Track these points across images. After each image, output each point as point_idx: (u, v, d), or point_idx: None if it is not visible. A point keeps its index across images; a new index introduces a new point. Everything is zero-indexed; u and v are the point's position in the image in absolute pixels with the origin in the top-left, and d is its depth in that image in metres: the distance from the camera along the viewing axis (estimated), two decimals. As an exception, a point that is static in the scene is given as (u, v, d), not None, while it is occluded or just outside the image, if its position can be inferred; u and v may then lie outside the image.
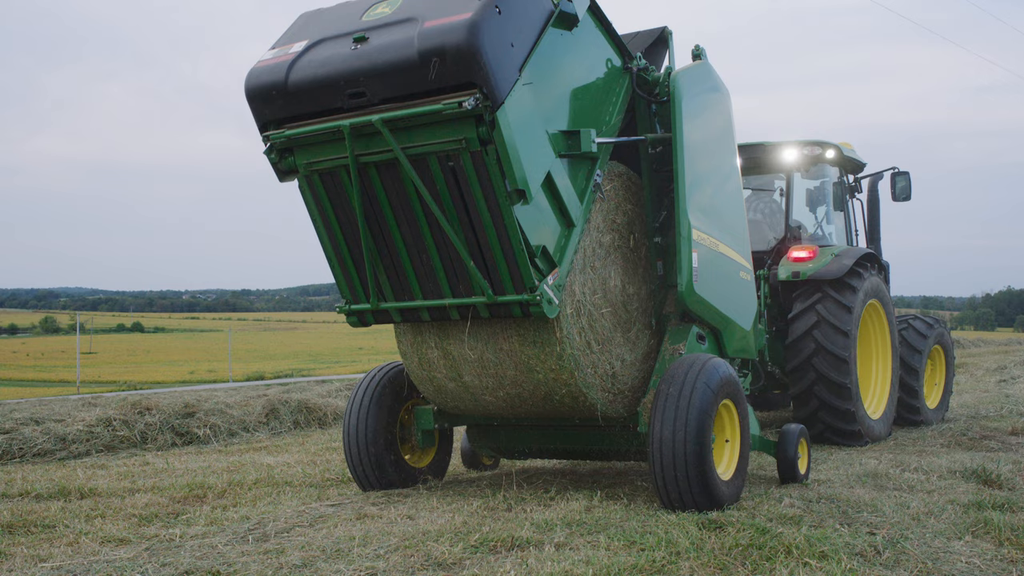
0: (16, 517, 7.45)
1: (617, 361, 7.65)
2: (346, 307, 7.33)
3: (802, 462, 8.53)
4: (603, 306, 7.50)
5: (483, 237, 6.60)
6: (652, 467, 7.17)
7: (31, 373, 53.89)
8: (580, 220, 7.19)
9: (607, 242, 7.60)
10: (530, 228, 6.64)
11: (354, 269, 7.16)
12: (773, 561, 5.70)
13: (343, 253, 7.13)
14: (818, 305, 10.82)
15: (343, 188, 6.86)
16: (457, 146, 6.35)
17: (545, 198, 6.85)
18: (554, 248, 6.91)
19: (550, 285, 6.73)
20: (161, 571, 5.62)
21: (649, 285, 8.12)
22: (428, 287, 7.00)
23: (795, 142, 11.72)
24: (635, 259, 7.99)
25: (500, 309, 6.82)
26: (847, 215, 12.68)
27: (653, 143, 8.12)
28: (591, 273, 7.37)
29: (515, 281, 6.65)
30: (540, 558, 5.69)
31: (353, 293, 7.28)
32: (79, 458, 11.33)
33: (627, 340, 7.82)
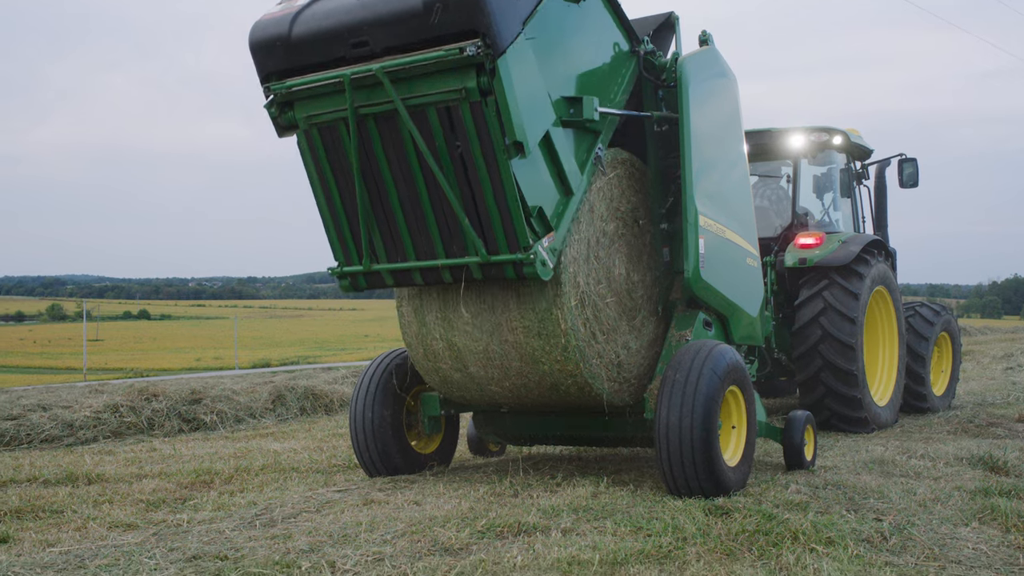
0: (24, 502, 7.48)
1: (623, 350, 7.64)
2: (338, 269, 7.28)
3: (808, 449, 8.53)
4: (607, 295, 7.48)
5: (479, 193, 6.55)
6: (658, 453, 7.17)
7: (38, 360, 54.06)
8: (579, 190, 7.13)
9: (611, 231, 7.56)
10: (527, 187, 6.60)
11: (348, 229, 7.12)
12: (780, 547, 5.70)
13: (338, 211, 7.09)
14: (825, 292, 10.80)
15: (341, 143, 6.85)
16: (456, 96, 6.34)
17: (544, 160, 6.81)
18: (551, 213, 6.85)
19: (545, 247, 6.66)
20: (169, 556, 5.63)
21: (654, 272, 8.09)
22: (422, 247, 6.93)
23: (802, 128, 11.68)
24: (640, 246, 7.94)
25: (493, 270, 6.74)
26: (854, 202, 12.65)
27: (659, 121, 8.09)
28: (595, 263, 7.34)
29: (509, 240, 6.60)
30: (547, 543, 5.70)
31: (346, 254, 7.23)
32: (86, 444, 11.36)
33: (632, 328, 7.79)
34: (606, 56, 7.63)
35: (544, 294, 6.98)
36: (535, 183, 6.71)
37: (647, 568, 5.19)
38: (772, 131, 11.72)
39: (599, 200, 7.39)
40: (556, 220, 6.89)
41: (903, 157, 12.75)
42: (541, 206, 6.75)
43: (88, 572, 5.30)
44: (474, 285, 7.20)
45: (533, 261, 6.54)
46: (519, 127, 6.35)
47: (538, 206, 6.72)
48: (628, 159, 7.84)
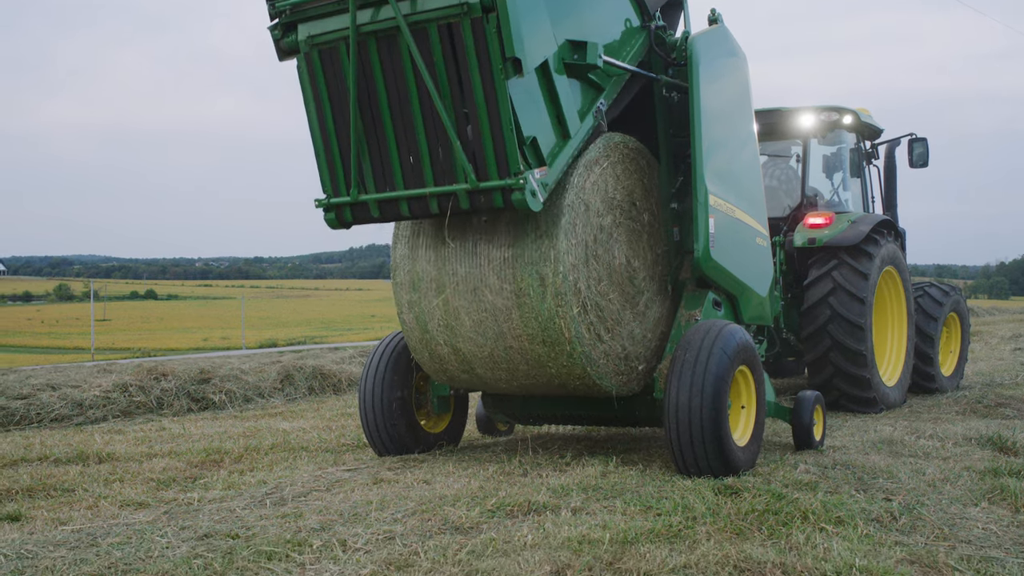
0: (36, 481, 7.51)
1: (628, 341, 7.61)
2: (325, 201, 7.21)
3: (817, 429, 8.53)
4: (609, 291, 7.43)
5: (473, 116, 6.49)
6: (668, 433, 7.18)
7: (46, 340, 54.23)
8: (577, 138, 7.07)
9: (608, 224, 7.45)
10: (523, 113, 6.55)
11: (339, 157, 7.06)
12: (789, 526, 5.70)
13: (330, 138, 7.03)
14: (834, 272, 10.77)
15: (340, 67, 6.82)
16: (459, 12, 6.31)
17: (541, 93, 6.77)
18: (546, 150, 6.78)
19: (536, 179, 6.58)
20: (180, 534, 5.65)
21: (655, 250, 8.02)
22: (411, 176, 6.87)
23: (812, 108, 11.63)
24: (638, 228, 7.84)
25: (481, 198, 6.64)
26: (864, 182, 12.60)
27: (668, 87, 8.06)
28: (595, 263, 7.26)
29: (500, 165, 6.51)
30: (557, 522, 5.71)
31: (334, 184, 7.15)
32: (96, 423, 11.40)
33: (636, 314, 7.75)
34: (617, 23, 7.61)
35: (545, 302, 6.98)
36: (531, 112, 6.65)
37: (657, 547, 5.19)
38: (782, 110, 11.67)
39: (594, 196, 7.28)
40: (551, 159, 6.81)
41: (913, 137, 12.69)
42: (536, 136, 6.67)
43: (100, 550, 5.31)
44: (475, 293, 7.20)
45: (523, 187, 6.43)
46: (518, 42, 6.30)
47: (533, 136, 6.65)
48: (621, 143, 7.66)
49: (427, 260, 7.45)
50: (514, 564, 4.86)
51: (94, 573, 4.89)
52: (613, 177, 7.51)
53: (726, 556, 5.04)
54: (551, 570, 4.76)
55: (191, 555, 5.14)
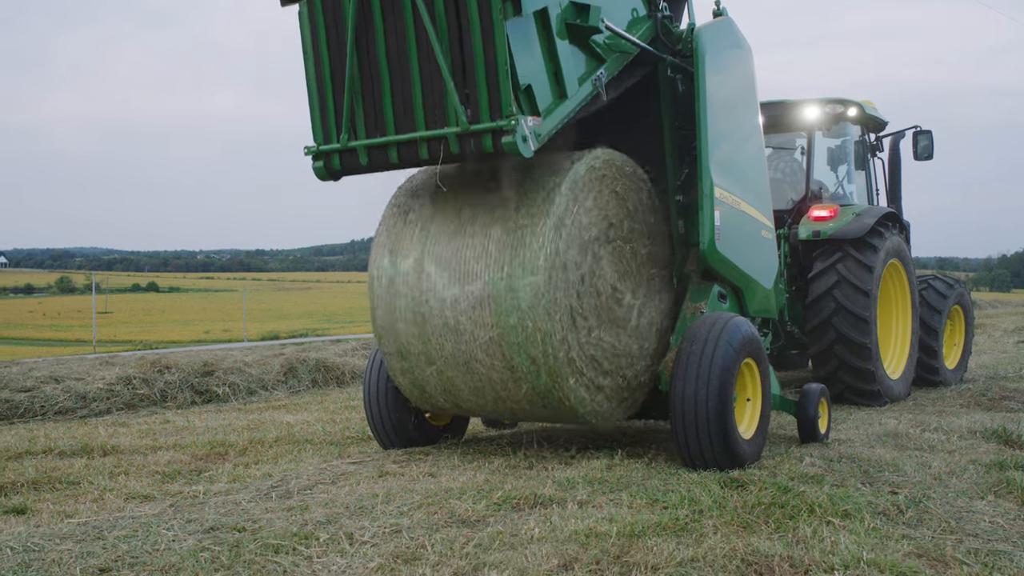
0: (41, 474, 7.51)
1: (628, 368, 7.57)
2: (315, 148, 7.13)
3: (822, 422, 8.52)
4: (602, 335, 7.30)
5: (469, 58, 6.41)
6: (674, 425, 7.17)
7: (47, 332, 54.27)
8: (574, 100, 6.98)
9: (587, 270, 7.18)
10: (520, 59, 6.47)
11: (332, 102, 6.99)
12: (796, 519, 5.70)
13: (326, 84, 6.97)
14: (839, 264, 10.76)
15: (340, 10, 6.79)
16: None
17: (539, 44, 6.72)
18: (542, 105, 6.69)
19: (529, 126, 6.46)
20: (186, 527, 5.64)
21: (643, 251, 7.81)
22: (403, 121, 6.78)
23: (817, 100, 11.59)
24: (620, 245, 7.57)
25: (472, 141, 6.53)
26: (868, 174, 12.57)
27: (673, 73, 8.04)
28: (582, 321, 7.10)
29: (492, 107, 6.40)
30: (563, 515, 5.71)
31: (325, 131, 7.07)
32: (100, 416, 11.39)
33: (631, 332, 7.61)
34: (624, 9, 7.62)
35: (540, 378, 6.94)
36: (528, 60, 6.59)
37: (664, 540, 5.18)
38: (786, 103, 11.64)
39: (569, 250, 6.99)
40: (545, 114, 6.72)
41: (918, 129, 12.66)
42: (531, 85, 6.61)
43: (107, 543, 5.31)
44: (467, 366, 7.19)
45: (514, 129, 6.32)
46: None
47: (528, 84, 6.58)
48: (601, 160, 7.38)
49: (411, 335, 7.40)
50: (521, 557, 4.85)
51: (101, 566, 4.88)
52: (587, 215, 7.20)
53: (733, 549, 5.03)
54: (559, 563, 4.76)
55: (198, 548, 5.13)
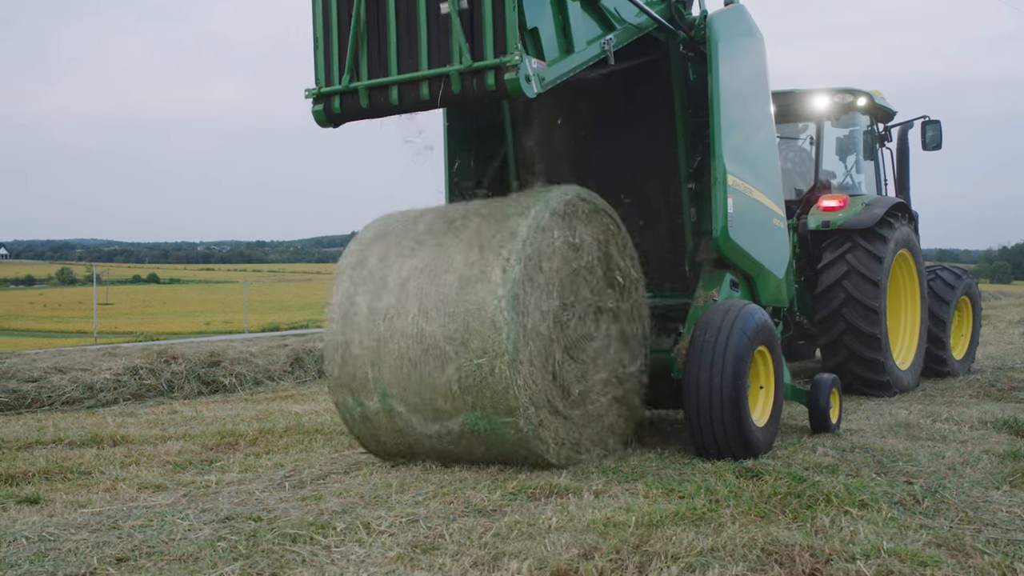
0: (52, 464, 7.48)
1: (607, 399, 7.40)
2: (315, 91, 7.00)
3: (834, 412, 8.49)
4: (577, 402, 7.09)
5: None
6: (687, 414, 7.15)
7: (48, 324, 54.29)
8: (579, 57, 6.86)
9: (560, 351, 6.95)
10: (528, 2, 6.36)
11: (337, 43, 6.89)
12: (814, 509, 5.67)
13: (331, 25, 6.89)
14: (848, 255, 10.71)
15: None
16: None
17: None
18: (548, 53, 6.58)
19: (534, 67, 6.34)
20: (201, 516, 5.62)
21: (608, 284, 7.55)
22: (406, 60, 6.65)
23: (826, 89, 11.54)
24: (586, 296, 7.31)
25: (474, 80, 6.39)
26: (877, 164, 12.53)
27: (685, 44, 8.00)
28: (561, 404, 6.90)
29: (497, 44, 6.29)
30: (580, 505, 5.68)
31: (328, 73, 6.96)
32: (107, 406, 11.37)
33: (607, 365, 7.43)
34: None
35: (518, 452, 6.72)
36: (536, 5, 6.47)
37: (683, 530, 5.16)
38: (795, 92, 11.58)
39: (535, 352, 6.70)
40: (550, 63, 6.60)
41: (926, 119, 12.62)
42: (538, 28, 6.50)
43: (122, 533, 5.28)
44: (433, 434, 6.93)
45: (517, 66, 6.19)
46: None
47: (535, 27, 6.46)
48: (564, 204, 7.13)
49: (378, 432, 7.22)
50: (540, 547, 4.83)
51: (118, 556, 4.85)
52: (570, 282, 7.07)
53: (753, 539, 5.00)
54: (578, 553, 4.73)
55: (214, 538, 5.11)
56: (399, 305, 6.89)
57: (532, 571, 4.42)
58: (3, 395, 10.83)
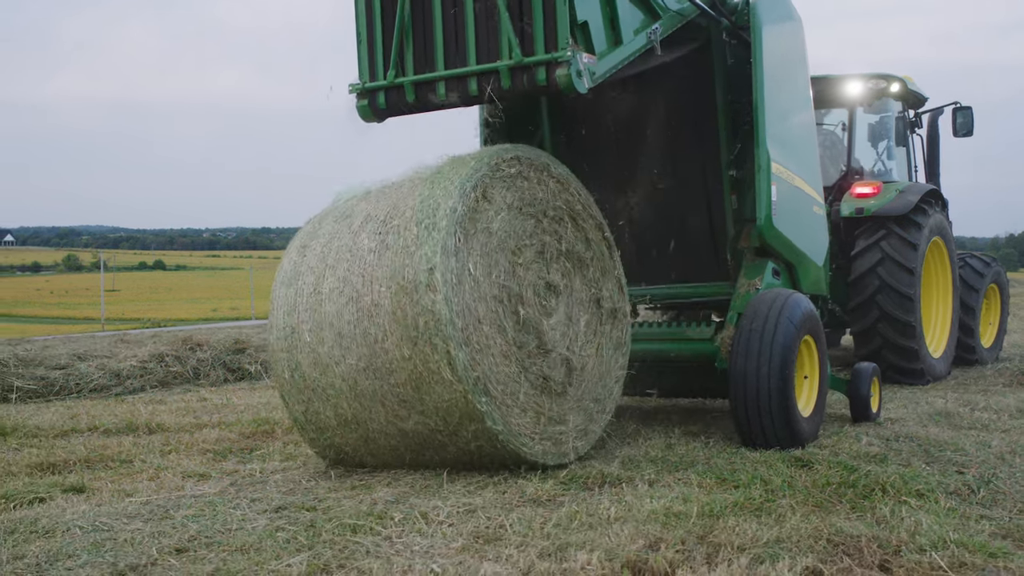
0: (91, 452, 7.43)
1: (590, 386, 6.95)
2: (360, 86, 6.94)
3: (874, 401, 8.42)
4: (557, 395, 6.59)
5: None
6: (733, 403, 7.08)
7: (56, 310, 54.35)
8: (627, 48, 6.79)
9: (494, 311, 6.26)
10: None
11: (381, 38, 6.82)
12: (871, 499, 5.61)
13: (375, 18, 6.81)
14: (882, 242, 10.62)
15: None
16: None
17: None
18: (597, 46, 6.49)
19: (585, 63, 6.27)
20: (252, 506, 5.56)
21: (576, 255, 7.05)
22: (453, 56, 6.59)
23: (859, 75, 11.43)
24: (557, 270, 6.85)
25: (524, 76, 6.32)
26: (908, 151, 12.43)
27: (729, 32, 7.92)
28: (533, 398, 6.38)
29: (548, 40, 6.21)
30: (636, 494, 5.62)
31: (372, 68, 6.89)
32: (134, 393, 11.32)
33: (586, 357, 6.96)
34: None
35: (491, 457, 6.22)
36: (586, 1, 6.40)
37: (744, 521, 5.09)
38: (828, 78, 11.46)
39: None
40: (600, 56, 6.52)
41: (958, 105, 12.51)
42: (588, 22, 6.42)
43: (175, 523, 5.22)
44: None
45: (569, 62, 6.12)
46: None
47: (585, 20, 6.39)
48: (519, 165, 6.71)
49: None
50: (604, 537, 4.76)
51: (176, 546, 4.79)
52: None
53: (817, 529, 4.93)
54: (644, 544, 4.66)
55: (272, 528, 5.05)
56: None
57: (602, 562, 4.35)
58: (31, 382, 10.79)
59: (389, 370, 6.00)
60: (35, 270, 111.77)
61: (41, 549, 4.75)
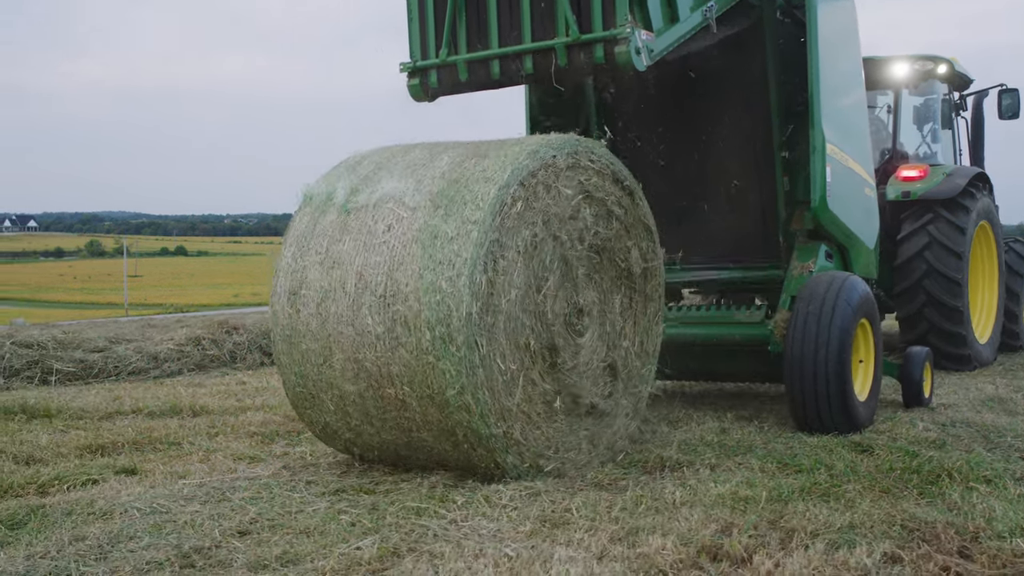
0: (139, 434, 7.37)
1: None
2: (411, 64, 6.83)
3: (926, 386, 8.29)
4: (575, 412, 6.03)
5: None
6: (789, 388, 6.97)
7: (79, 296, 54.55)
8: (684, 26, 6.66)
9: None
10: None
11: (433, 15, 6.71)
12: (938, 485, 5.50)
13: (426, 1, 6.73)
14: (930, 226, 10.43)
15: None
16: None
17: None
18: (655, 22, 6.36)
19: (643, 40, 6.14)
20: (309, 489, 5.49)
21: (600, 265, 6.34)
22: (507, 34, 6.45)
23: (906, 56, 11.24)
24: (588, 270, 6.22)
25: (581, 53, 6.18)
26: (954, 133, 12.23)
27: (782, 10, 7.79)
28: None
29: (606, 16, 6.08)
30: (699, 479, 5.54)
31: (423, 45, 6.78)
32: (172, 376, 11.27)
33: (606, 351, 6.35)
34: None
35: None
36: None
37: (814, 506, 4.98)
38: (873, 59, 11.26)
39: None
40: (657, 34, 6.39)
41: (1003, 87, 12.29)
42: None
43: (234, 505, 5.15)
44: None
45: (628, 39, 6.00)
46: None
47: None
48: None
49: None
50: (674, 522, 4.67)
51: (239, 529, 4.72)
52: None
53: (889, 516, 4.83)
54: (717, 528, 4.57)
55: (334, 511, 4.97)
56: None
57: (676, 547, 4.26)
58: (70, 365, 10.75)
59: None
60: (58, 255, 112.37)
61: (101, 531, 4.69)
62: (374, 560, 4.15)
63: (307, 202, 6.08)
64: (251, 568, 4.13)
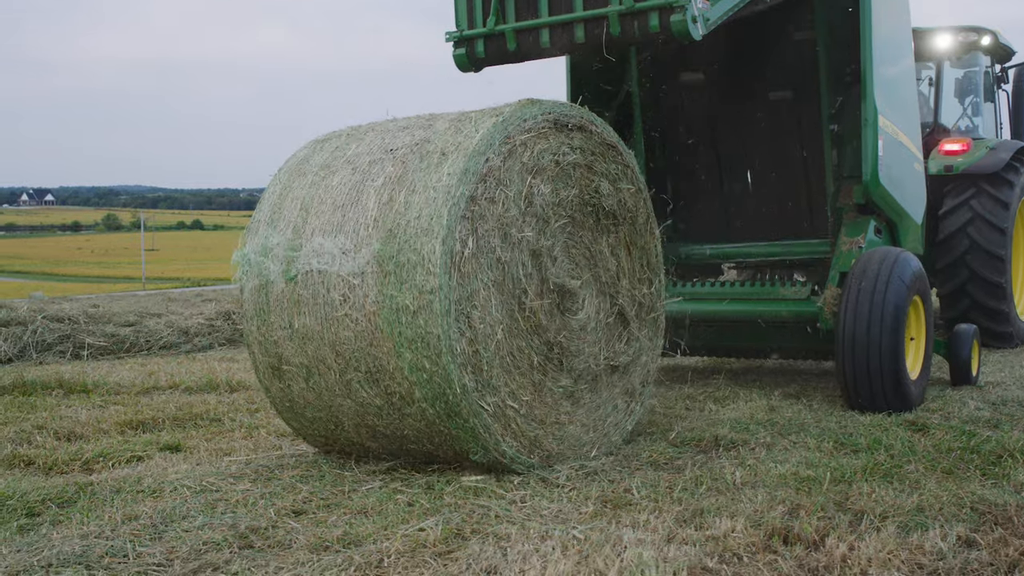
0: (179, 410, 7.30)
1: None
2: (457, 34, 6.65)
3: (974, 364, 8.13)
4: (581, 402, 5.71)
5: None
6: (841, 365, 6.84)
7: (96, 270, 54.72)
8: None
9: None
10: None
11: None
12: (1001, 466, 5.36)
13: None
14: (972, 200, 10.23)
15: None
16: None
17: None
18: None
19: (699, 8, 5.96)
20: (361, 467, 5.40)
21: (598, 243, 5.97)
22: (558, 2, 6.25)
23: (949, 28, 11.01)
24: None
25: (635, 22, 5.98)
26: (996, 106, 12.00)
27: None
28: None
29: None
30: (757, 459, 5.43)
31: (470, 14, 6.59)
32: (203, 351, 11.22)
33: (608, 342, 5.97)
34: None
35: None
36: None
37: (879, 486, 4.86)
38: (916, 31, 11.00)
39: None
40: (712, 2, 6.19)
41: (1046, 59, 12.05)
42: None
43: (284, 484, 5.07)
44: None
45: (684, 7, 5.83)
46: None
47: None
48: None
49: None
50: (738, 503, 4.55)
51: (293, 508, 4.63)
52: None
53: (958, 498, 4.70)
54: (785, 510, 4.45)
55: (389, 490, 4.88)
56: None
57: (747, 530, 4.14)
58: (102, 339, 10.70)
59: None
60: (75, 229, 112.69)
61: (153, 509, 4.61)
62: (439, 542, 4.05)
63: (247, 271, 5.52)
64: (312, 549, 4.03)
